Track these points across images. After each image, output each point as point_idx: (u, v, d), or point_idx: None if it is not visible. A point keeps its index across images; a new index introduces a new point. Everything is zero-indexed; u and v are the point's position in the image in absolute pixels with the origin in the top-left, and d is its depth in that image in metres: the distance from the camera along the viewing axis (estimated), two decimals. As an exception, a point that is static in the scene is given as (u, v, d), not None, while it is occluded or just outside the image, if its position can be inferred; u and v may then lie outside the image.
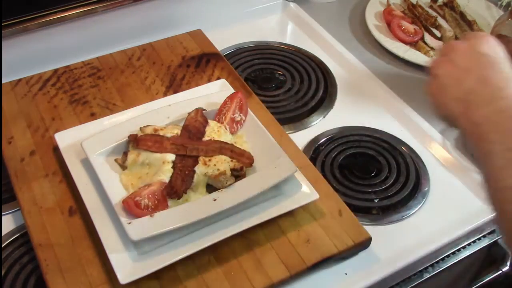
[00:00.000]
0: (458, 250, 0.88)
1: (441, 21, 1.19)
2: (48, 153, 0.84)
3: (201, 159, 0.77)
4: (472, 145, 0.55)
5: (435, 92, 0.61)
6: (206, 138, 0.81)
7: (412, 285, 0.85)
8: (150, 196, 0.73)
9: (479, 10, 1.24)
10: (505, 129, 0.51)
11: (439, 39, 1.16)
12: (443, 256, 0.86)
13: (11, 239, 0.78)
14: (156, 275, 0.70)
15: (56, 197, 0.78)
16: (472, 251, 0.89)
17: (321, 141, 0.95)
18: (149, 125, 0.81)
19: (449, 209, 0.86)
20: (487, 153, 0.51)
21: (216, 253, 0.73)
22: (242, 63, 1.09)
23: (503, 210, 0.50)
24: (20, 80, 0.96)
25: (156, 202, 0.73)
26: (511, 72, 0.56)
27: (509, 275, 0.97)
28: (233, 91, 0.89)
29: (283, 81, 1.06)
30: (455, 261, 0.88)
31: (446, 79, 0.59)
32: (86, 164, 0.78)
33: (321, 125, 0.98)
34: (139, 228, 0.69)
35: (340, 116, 1.00)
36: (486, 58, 0.57)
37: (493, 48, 0.58)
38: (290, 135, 0.92)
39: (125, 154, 0.79)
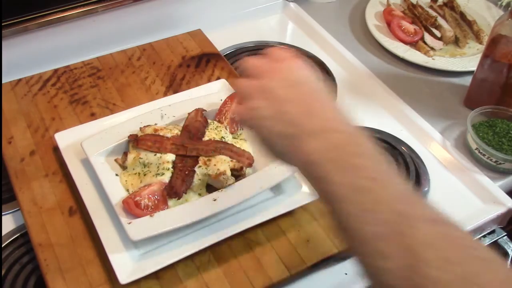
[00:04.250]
0: (458, 250, 0.88)
1: (441, 21, 1.19)
2: (48, 153, 0.84)
3: (201, 159, 0.77)
4: (313, 185, 0.48)
5: (254, 125, 0.52)
6: (206, 138, 0.81)
7: (412, 285, 0.85)
8: (150, 196, 0.73)
9: (479, 10, 1.24)
10: (345, 167, 0.44)
11: (439, 39, 1.16)
12: (443, 256, 0.86)
13: (11, 239, 0.78)
14: (156, 275, 0.70)
15: (56, 197, 0.78)
16: (472, 251, 0.89)
17: (321, 141, 0.95)
18: (149, 125, 0.81)
19: (449, 209, 0.86)
20: (332, 195, 0.45)
21: (216, 253, 0.73)
22: (242, 63, 1.09)
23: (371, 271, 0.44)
24: (20, 80, 0.96)
25: (156, 202, 0.73)
26: (333, 101, 0.50)
27: (509, 275, 0.96)
28: (233, 91, 0.89)
29: (283, 81, 1.06)
30: (455, 261, 0.88)
31: (264, 110, 0.50)
32: (86, 164, 0.78)
33: (321, 125, 0.98)
34: (139, 228, 0.69)
35: (340, 116, 1.00)
36: (304, 87, 0.50)
37: (305, 73, 0.52)
38: (290, 135, 0.92)
39: (125, 154, 0.79)
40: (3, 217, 0.80)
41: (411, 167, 0.91)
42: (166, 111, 0.85)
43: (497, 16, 1.06)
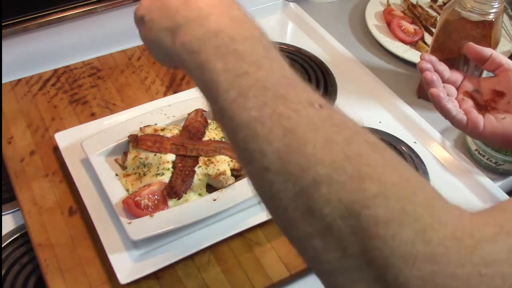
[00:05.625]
0: (458, 250, 0.88)
1: (441, 21, 1.19)
2: (48, 153, 0.84)
3: (201, 159, 0.77)
4: (195, 80, 0.45)
5: (145, 36, 0.52)
6: (206, 138, 0.81)
7: (412, 285, 0.85)
8: (150, 196, 0.73)
9: (479, 10, 1.24)
10: (226, 53, 0.42)
11: (439, 39, 1.16)
12: (443, 256, 0.86)
13: (11, 239, 0.78)
14: (156, 275, 0.70)
15: (56, 197, 0.78)
16: (472, 251, 0.89)
17: (321, 141, 0.95)
18: (149, 125, 0.81)
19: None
20: (214, 84, 0.42)
21: (216, 253, 0.73)
22: (242, 63, 1.09)
23: (245, 153, 0.40)
24: (20, 80, 0.96)
25: (156, 202, 0.73)
26: None
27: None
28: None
29: (283, 81, 1.06)
30: (455, 261, 0.88)
31: (149, 14, 0.50)
32: (86, 164, 0.78)
33: (321, 125, 0.98)
34: (139, 228, 0.69)
35: (340, 116, 1.00)
36: None
37: None
38: (290, 135, 0.92)
39: (125, 154, 0.79)
40: (3, 217, 0.80)
41: (411, 167, 0.91)
42: (166, 111, 0.85)
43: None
